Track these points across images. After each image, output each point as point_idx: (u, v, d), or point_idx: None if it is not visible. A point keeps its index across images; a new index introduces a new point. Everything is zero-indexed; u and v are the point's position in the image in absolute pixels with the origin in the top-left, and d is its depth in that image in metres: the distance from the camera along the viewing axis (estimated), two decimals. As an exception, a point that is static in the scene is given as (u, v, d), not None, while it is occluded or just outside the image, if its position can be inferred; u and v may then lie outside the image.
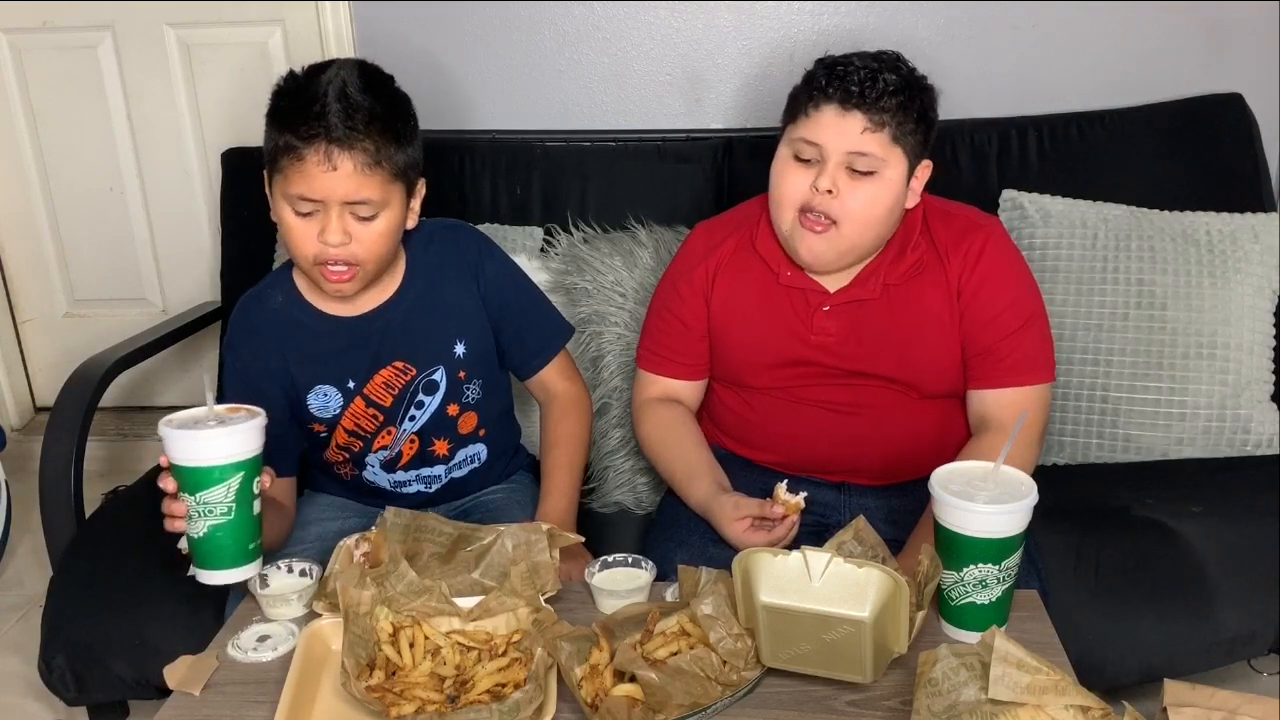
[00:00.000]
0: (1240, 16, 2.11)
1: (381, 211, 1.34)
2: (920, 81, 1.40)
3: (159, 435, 1.14)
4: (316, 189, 1.30)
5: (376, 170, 1.31)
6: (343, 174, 1.29)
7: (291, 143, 1.29)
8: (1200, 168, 2.00)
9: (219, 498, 1.13)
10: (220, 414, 1.17)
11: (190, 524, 1.15)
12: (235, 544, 1.16)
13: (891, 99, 1.35)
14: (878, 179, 1.37)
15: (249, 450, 1.14)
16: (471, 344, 1.50)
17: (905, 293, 1.47)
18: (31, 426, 2.75)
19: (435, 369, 1.48)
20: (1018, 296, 1.46)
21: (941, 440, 1.50)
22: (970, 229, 1.47)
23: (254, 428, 1.15)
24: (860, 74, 1.35)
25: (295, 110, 1.30)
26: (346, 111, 1.28)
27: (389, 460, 1.53)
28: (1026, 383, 1.45)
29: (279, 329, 1.46)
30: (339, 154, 1.28)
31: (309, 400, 1.47)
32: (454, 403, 1.51)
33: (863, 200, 1.38)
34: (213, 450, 1.12)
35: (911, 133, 1.38)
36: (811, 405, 1.52)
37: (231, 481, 1.13)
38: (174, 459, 1.14)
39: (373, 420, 1.49)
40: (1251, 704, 0.93)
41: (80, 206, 2.58)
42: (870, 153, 1.36)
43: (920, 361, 1.47)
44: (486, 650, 1.12)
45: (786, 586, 1.02)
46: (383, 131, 1.31)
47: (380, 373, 1.46)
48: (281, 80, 1.37)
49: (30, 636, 1.58)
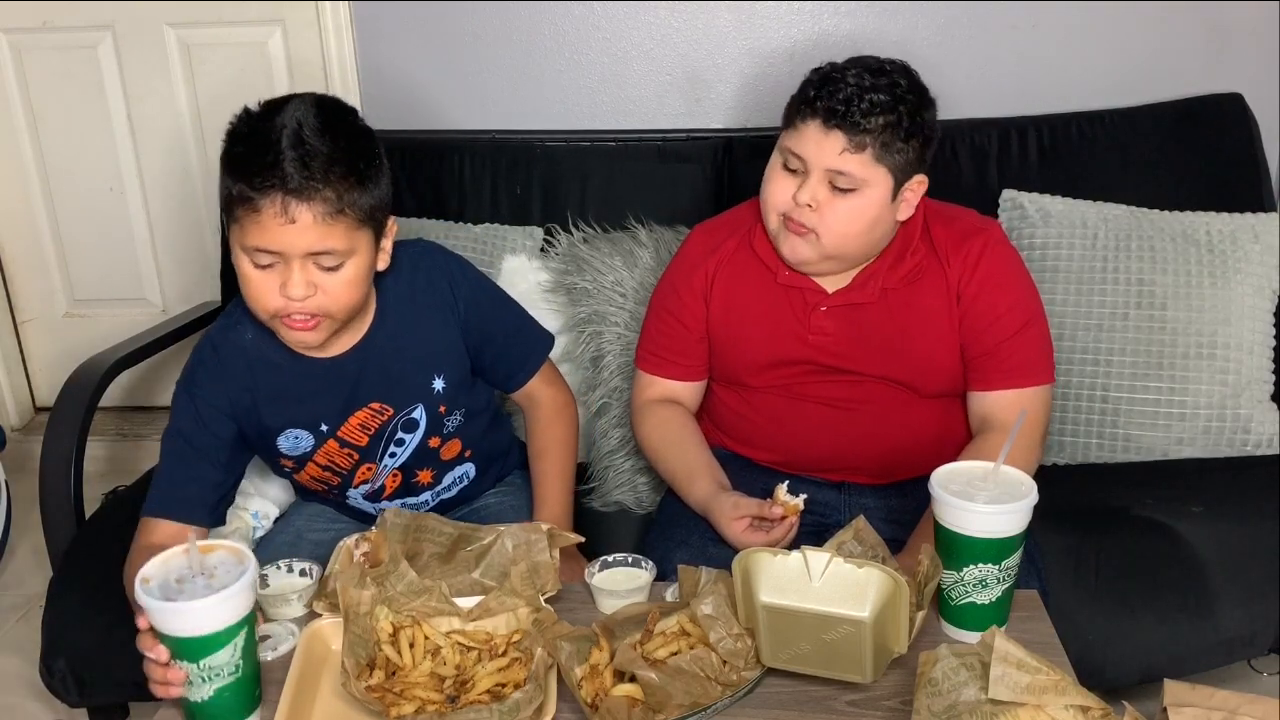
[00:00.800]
0: (1240, 16, 2.11)
1: (348, 260, 1.23)
2: (918, 98, 1.38)
3: (138, 602, 0.99)
4: (274, 242, 1.19)
5: (339, 219, 1.20)
6: (302, 226, 1.18)
7: (246, 193, 1.18)
8: (1200, 168, 2.00)
9: (225, 659, 1.00)
10: (201, 560, 1.03)
11: (192, 690, 1.01)
12: (245, 698, 1.05)
13: (876, 118, 1.33)
14: (858, 195, 1.37)
15: (252, 601, 1.03)
16: (450, 376, 1.43)
17: (903, 297, 1.47)
18: (31, 426, 2.75)
19: (414, 407, 1.42)
20: (1018, 299, 1.47)
21: (941, 439, 1.50)
22: (970, 233, 1.47)
23: (252, 581, 1.02)
24: (848, 90, 1.34)
25: (248, 158, 1.19)
26: (303, 160, 1.17)
27: (372, 493, 1.50)
28: (1027, 384, 1.45)
29: (250, 368, 1.36)
30: (296, 206, 1.17)
31: (279, 442, 1.39)
32: (435, 435, 1.46)
33: (841, 216, 1.38)
34: (217, 618, 0.99)
35: (899, 151, 1.36)
36: (811, 404, 1.52)
37: (237, 640, 1.01)
38: (168, 631, 0.99)
39: (348, 459, 1.43)
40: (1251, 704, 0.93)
41: (80, 206, 2.58)
42: (849, 172, 1.36)
43: (918, 363, 1.48)
44: (486, 650, 1.12)
45: (786, 586, 1.02)
46: (344, 176, 1.19)
47: (356, 414, 1.39)
48: (234, 120, 1.25)
49: (30, 636, 1.58)
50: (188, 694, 1.02)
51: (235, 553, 1.05)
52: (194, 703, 1.03)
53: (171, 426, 1.36)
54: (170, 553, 1.04)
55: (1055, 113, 2.07)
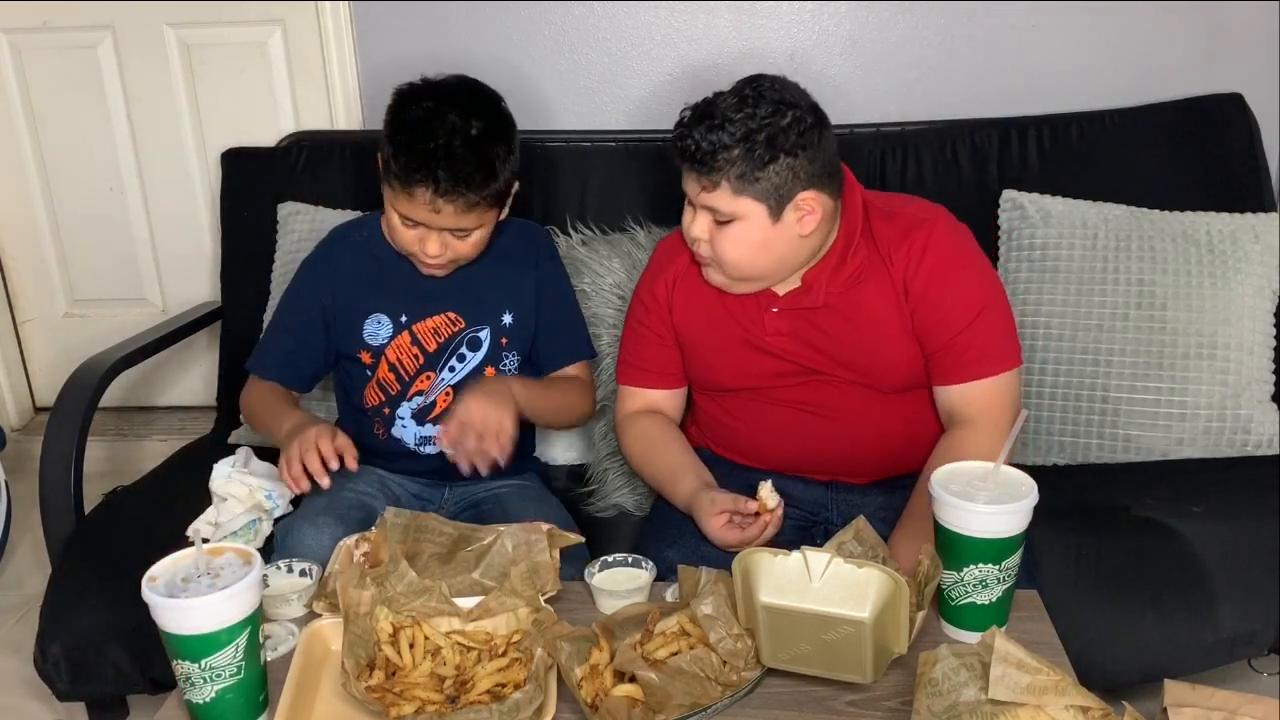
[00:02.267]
0: (1240, 16, 2.11)
1: (477, 230, 1.51)
2: (775, 123, 1.35)
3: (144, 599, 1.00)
4: (420, 219, 1.47)
5: (475, 208, 1.47)
6: (444, 216, 1.45)
7: (402, 176, 1.43)
8: (1200, 168, 1.99)
9: (227, 659, 1.01)
10: (207, 561, 1.05)
11: (193, 690, 1.02)
12: (249, 701, 1.05)
13: (721, 156, 1.36)
14: (736, 225, 1.40)
15: (256, 602, 1.04)
16: (518, 318, 1.63)
17: (850, 298, 1.47)
18: (31, 426, 2.74)
19: (482, 328, 1.61)
20: (967, 289, 1.45)
21: (911, 434, 1.51)
22: (913, 226, 1.46)
23: (256, 583, 1.03)
24: (694, 138, 1.37)
25: (408, 149, 1.43)
26: (452, 171, 1.42)
27: (421, 409, 1.61)
28: (988, 374, 1.44)
29: (357, 259, 1.62)
30: (442, 202, 1.43)
31: (365, 326, 1.59)
32: (492, 366, 1.62)
33: (728, 245, 1.42)
34: (217, 617, 1.00)
35: (760, 179, 1.36)
36: (784, 408, 1.53)
37: (239, 641, 1.01)
38: (170, 629, 1.00)
39: (414, 360, 1.60)
40: (1251, 704, 0.93)
41: (80, 206, 2.57)
42: (715, 207, 1.40)
43: (876, 362, 1.48)
44: (486, 650, 1.12)
45: (786, 587, 1.02)
46: (484, 181, 1.45)
47: (432, 317, 1.60)
48: (403, 96, 1.49)
49: (29, 636, 1.58)
50: (189, 694, 1.02)
51: (243, 555, 1.06)
52: (196, 704, 1.03)
53: (284, 297, 1.68)
54: (180, 554, 1.06)
55: (1055, 113, 2.07)
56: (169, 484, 1.84)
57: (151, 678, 1.53)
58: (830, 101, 1.46)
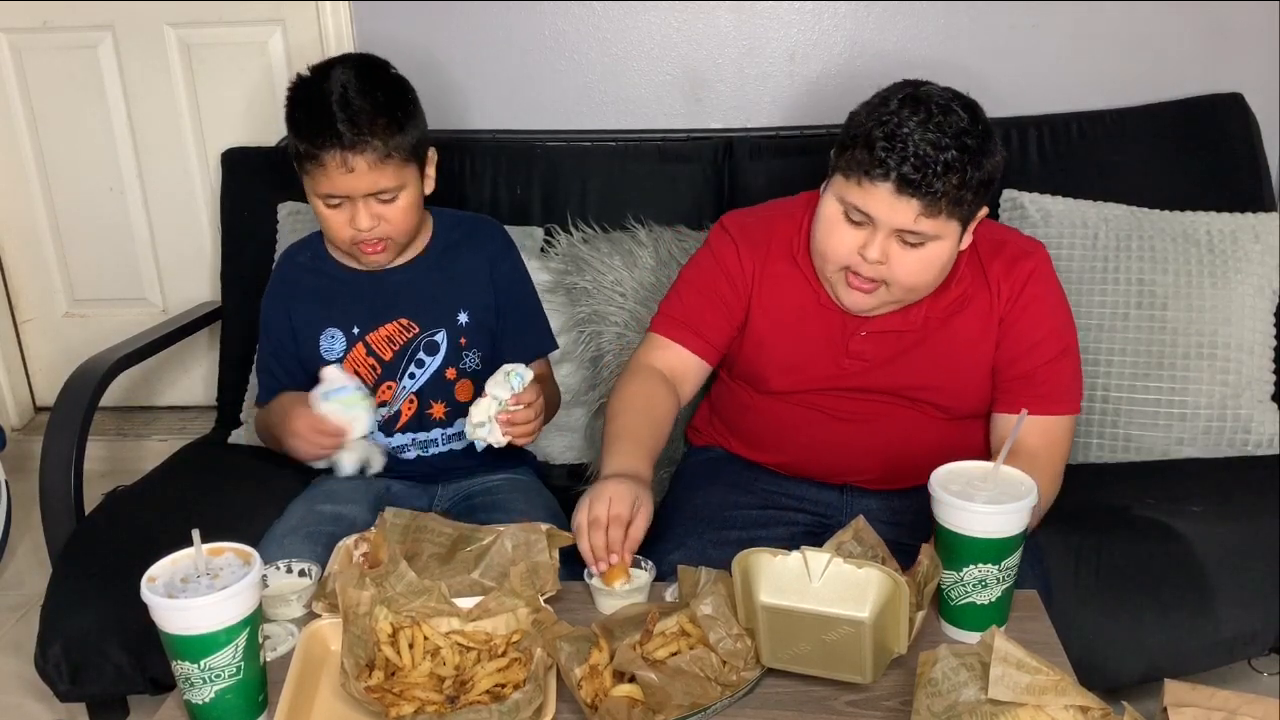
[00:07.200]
0: (1240, 16, 2.11)
1: (401, 192, 1.50)
2: (982, 145, 1.31)
3: (143, 599, 1.00)
4: (339, 187, 1.46)
5: (388, 161, 1.46)
6: (359, 173, 1.45)
7: (310, 150, 1.45)
8: (1200, 168, 2.00)
9: (226, 660, 1.01)
10: (207, 560, 1.05)
11: (192, 690, 1.02)
12: (248, 702, 1.04)
13: (949, 178, 1.27)
14: (929, 246, 1.33)
15: (255, 603, 1.03)
16: (474, 315, 1.61)
17: (945, 323, 1.45)
18: (31, 426, 2.74)
19: (437, 331, 1.60)
20: (1057, 326, 1.45)
21: (952, 456, 1.47)
22: (1020, 256, 1.45)
23: (255, 584, 1.03)
24: (920, 153, 1.26)
25: (307, 121, 1.46)
26: (351, 119, 1.43)
27: (388, 420, 1.60)
28: (1054, 412, 1.42)
29: (306, 278, 1.63)
30: (353, 157, 1.44)
31: (320, 342, 1.60)
32: (453, 367, 1.61)
33: (912, 266, 1.34)
34: (216, 617, 1.00)
35: (969, 202, 1.32)
36: (825, 415, 1.50)
37: (238, 641, 1.01)
38: (168, 629, 1.00)
39: (371, 371, 1.59)
40: (1251, 704, 0.93)
41: (80, 206, 2.57)
42: (923, 231, 1.31)
43: (947, 388, 1.46)
44: (486, 651, 1.12)
45: (786, 587, 1.02)
46: (387, 126, 1.45)
47: (385, 326, 1.59)
48: (292, 86, 1.51)
49: (29, 637, 1.58)
50: (188, 695, 1.02)
51: (242, 555, 1.06)
52: (196, 704, 1.02)
53: (260, 330, 1.68)
54: (179, 554, 1.06)
55: (1055, 113, 2.08)
56: (169, 484, 1.84)
57: (151, 678, 1.52)
58: (830, 101, 1.46)
